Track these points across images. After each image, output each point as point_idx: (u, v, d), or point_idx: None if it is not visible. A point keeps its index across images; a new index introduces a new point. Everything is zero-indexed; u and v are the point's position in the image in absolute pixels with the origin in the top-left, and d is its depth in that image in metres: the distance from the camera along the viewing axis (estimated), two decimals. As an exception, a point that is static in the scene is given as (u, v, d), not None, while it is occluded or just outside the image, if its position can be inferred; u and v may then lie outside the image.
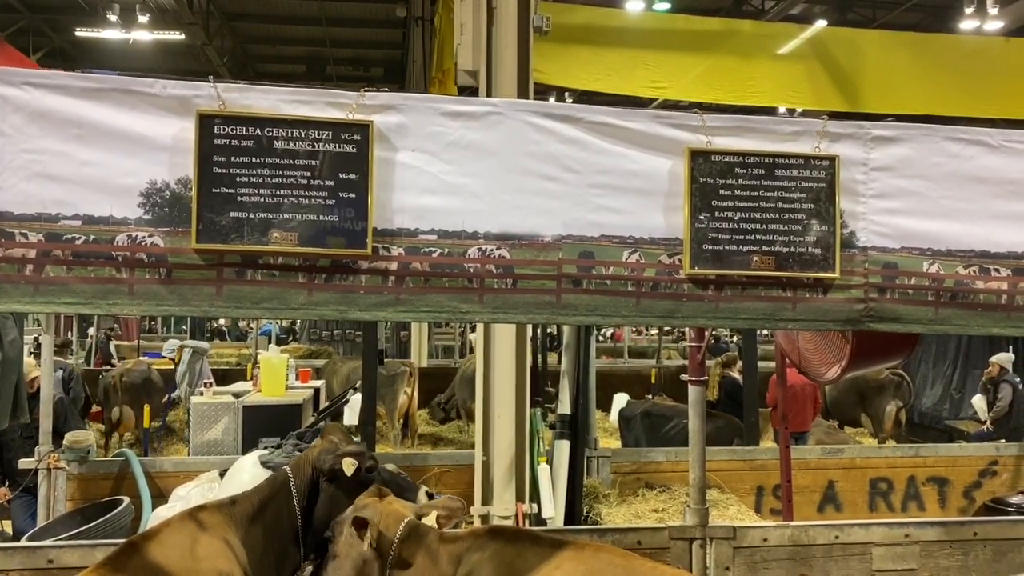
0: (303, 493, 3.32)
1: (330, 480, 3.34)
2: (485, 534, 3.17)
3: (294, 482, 3.32)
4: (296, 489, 3.31)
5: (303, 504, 3.31)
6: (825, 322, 2.56)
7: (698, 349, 3.86)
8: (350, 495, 3.34)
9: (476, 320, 2.44)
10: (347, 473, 3.34)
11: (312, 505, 3.34)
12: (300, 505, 3.29)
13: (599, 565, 2.56)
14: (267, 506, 3.28)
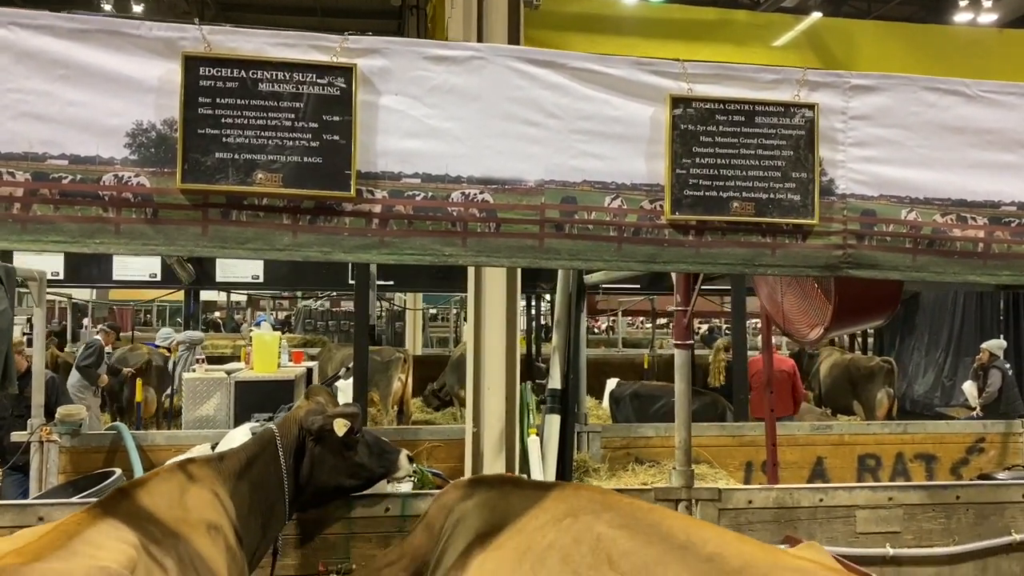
0: (289, 452, 3.36)
1: (316, 440, 3.38)
2: (469, 484, 3.21)
3: (281, 441, 3.37)
4: (283, 448, 3.36)
5: (289, 463, 3.35)
6: (804, 268, 2.59)
7: (684, 313, 3.91)
8: (335, 456, 3.43)
9: (459, 263, 2.47)
10: (338, 433, 3.38)
11: (298, 465, 3.39)
12: (287, 464, 3.34)
13: (579, 502, 2.61)
14: (254, 463, 3.30)
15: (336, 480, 3.44)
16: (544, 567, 2.44)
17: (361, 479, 3.51)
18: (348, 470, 3.45)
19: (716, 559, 2.16)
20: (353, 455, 3.45)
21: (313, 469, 3.40)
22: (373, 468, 3.50)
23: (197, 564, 2.68)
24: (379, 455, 3.54)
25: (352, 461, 3.45)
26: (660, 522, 2.42)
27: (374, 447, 3.54)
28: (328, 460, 3.41)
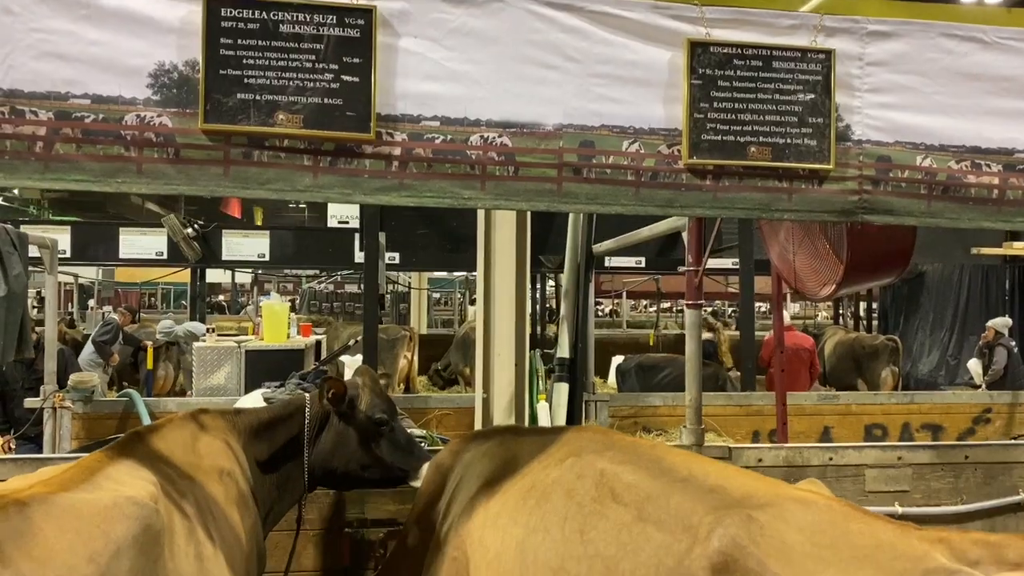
0: (315, 422, 3.29)
1: (341, 416, 3.28)
2: (473, 436, 3.24)
3: (310, 409, 3.30)
4: (310, 416, 3.29)
5: (312, 434, 3.29)
6: (820, 213, 2.60)
7: (695, 273, 3.93)
8: (356, 439, 3.28)
9: (478, 206, 2.49)
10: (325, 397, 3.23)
11: (315, 443, 3.29)
12: (310, 434, 3.27)
13: (581, 443, 2.65)
14: (276, 425, 3.28)
15: (349, 466, 3.28)
16: (549, 502, 2.47)
17: (375, 474, 3.30)
18: (364, 459, 3.27)
19: (718, 490, 2.19)
20: (375, 445, 3.28)
21: (330, 447, 3.27)
22: (391, 466, 3.28)
23: (211, 507, 2.72)
24: (403, 455, 3.30)
25: (371, 451, 3.27)
26: (662, 458, 2.45)
27: (401, 445, 3.33)
28: (348, 442, 3.26)
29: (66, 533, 2.01)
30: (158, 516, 2.25)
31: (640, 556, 2.15)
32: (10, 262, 5.03)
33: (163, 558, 2.22)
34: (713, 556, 2.00)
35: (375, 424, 3.27)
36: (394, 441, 3.31)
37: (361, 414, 3.27)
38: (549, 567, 2.32)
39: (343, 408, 3.26)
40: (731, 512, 2.07)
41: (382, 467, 3.27)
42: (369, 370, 3.57)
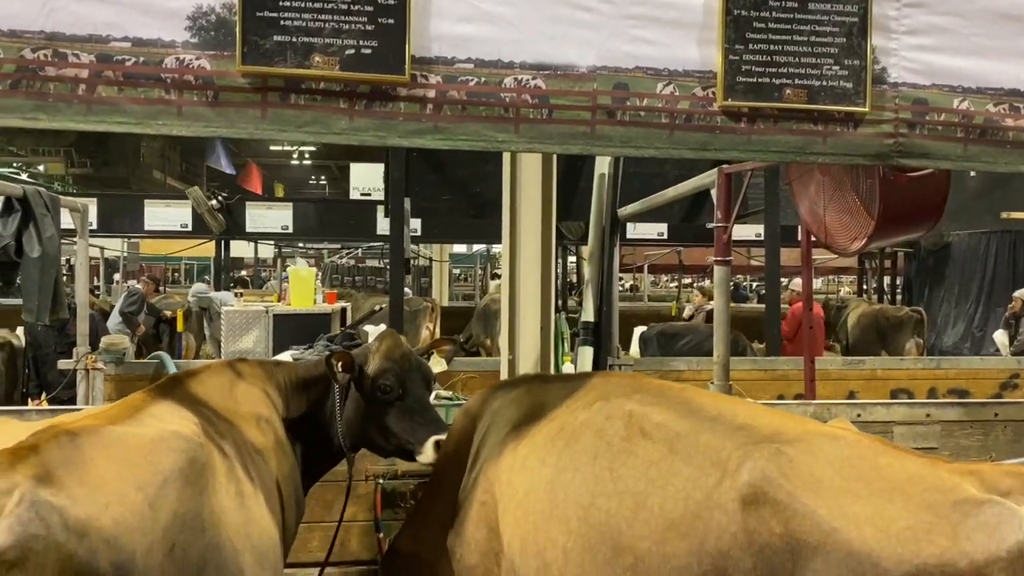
0: (344, 387, 3.18)
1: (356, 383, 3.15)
2: (501, 384, 3.26)
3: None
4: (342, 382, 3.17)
5: (342, 398, 3.19)
6: (855, 156, 2.59)
7: (724, 229, 3.92)
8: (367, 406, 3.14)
9: (511, 149, 2.50)
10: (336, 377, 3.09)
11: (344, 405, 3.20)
12: (341, 396, 3.18)
13: (609, 387, 2.67)
14: (311, 384, 3.24)
15: (368, 433, 3.17)
16: (578, 443, 2.49)
17: (391, 444, 3.15)
18: (375, 428, 3.14)
19: (747, 428, 2.20)
20: (383, 415, 3.12)
21: (351, 414, 3.17)
22: (400, 438, 3.10)
23: (250, 451, 2.76)
24: (411, 428, 3.09)
25: (380, 421, 3.12)
26: (691, 399, 2.46)
27: (410, 417, 3.11)
28: (360, 410, 3.14)
29: (115, 462, 2.06)
30: (202, 450, 2.30)
31: (669, 491, 2.17)
32: (43, 224, 5.11)
33: (207, 491, 2.27)
34: (742, 488, 2.01)
35: (380, 392, 3.10)
36: (403, 411, 3.11)
37: (368, 381, 3.12)
38: (579, 504, 2.34)
39: (355, 375, 3.12)
40: (760, 447, 2.08)
41: (391, 438, 3.12)
42: (392, 334, 3.37)
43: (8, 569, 1.71)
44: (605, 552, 2.21)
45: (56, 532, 1.77)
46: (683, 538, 2.07)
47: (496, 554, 2.68)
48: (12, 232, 5.02)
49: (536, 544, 2.44)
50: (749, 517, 1.97)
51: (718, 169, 4.03)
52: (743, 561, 1.96)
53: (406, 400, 3.11)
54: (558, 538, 2.36)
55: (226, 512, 2.36)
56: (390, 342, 3.22)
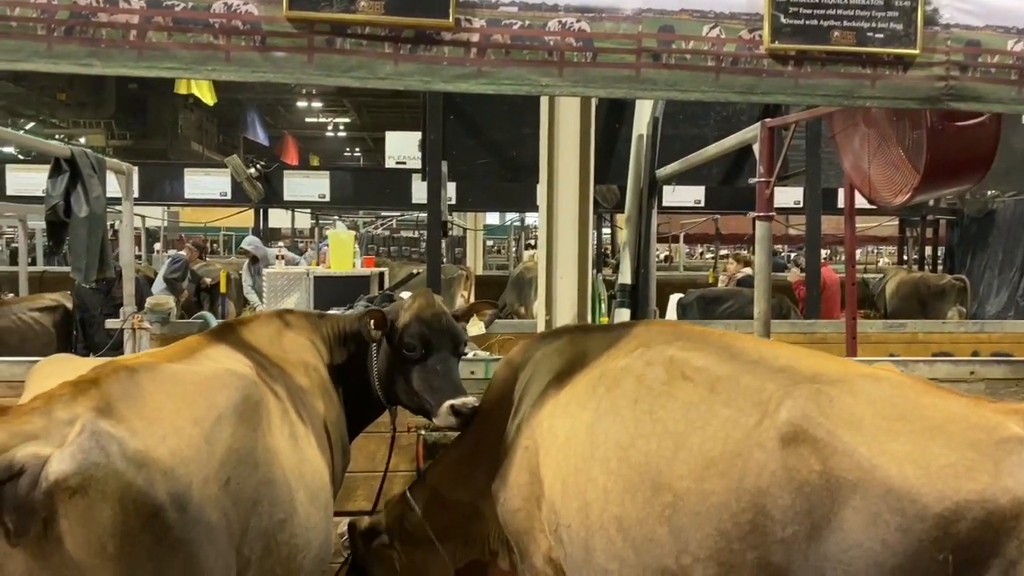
0: (380, 344, 3.23)
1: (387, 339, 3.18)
2: (541, 336, 3.27)
3: None
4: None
5: (377, 354, 3.24)
6: (904, 100, 2.55)
7: (766, 184, 3.89)
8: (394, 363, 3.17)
9: (555, 93, 2.49)
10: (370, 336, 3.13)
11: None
12: (377, 351, 3.23)
13: (650, 335, 2.67)
14: (354, 336, 3.30)
15: (394, 386, 3.20)
16: (619, 388, 2.50)
17: (412, 402, 3.17)
18: (400, 383, 3.17)
19: (787, 370, 2.19)
20: (407, 371, 3.14)
21: (383, 366, 3.22)
22: (420, 397, 3.11)
23: (300, 395, 2.82)
24: (431, 389, 3.09)
25: (405, 379, 3.15)
26: (732, 344, 2.46)
27: (432, 379, 3.10)
28: (390, 362, 3.19)
29: (172, 398, 2.12)
30: (256, 388, 2.36)
31: (708, 431, 2.18)
32: (90, 184, 5.22)
33: (261, 428, 2.33)
34: (782, 427, 2.02)
35: (405, 349, 3.12)
36: (424, 372, 3.12)
37: (396, 337, 3.15)
38: (619, 445, 2.37)
39: (387, 331, 3.16)
40: (801, 386, 2.08)
41: (412, 395, 3.14)
42: (426, 293, 3.37)
43: (71, 496, 1.77)
44: (645, 491, 2.24)
45: (116, 461, 1.83)
46: (722, 476, 2.09)
47: (538, 498, 2.72)
48: (61, 192, 5.15)
49: (577, 486, 2.47)
50: (788, 455, 1.98)
51: (761, 123, 3.98)
52: (781, 498, 1.97)
53: (428, 361, 3.11)
54: (598, 478, 2.39)
55: (279, 450, 2.42)
56: (422, 301, 3.24)
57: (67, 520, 1.77)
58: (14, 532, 1.77)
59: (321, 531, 2.62)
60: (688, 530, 2.11)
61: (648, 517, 2.20)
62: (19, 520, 1.76)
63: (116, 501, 1.80)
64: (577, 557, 2.45)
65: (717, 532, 2.05)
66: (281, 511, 2.35)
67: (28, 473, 1.75)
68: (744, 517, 2.02)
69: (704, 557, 2.07)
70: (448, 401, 3.01)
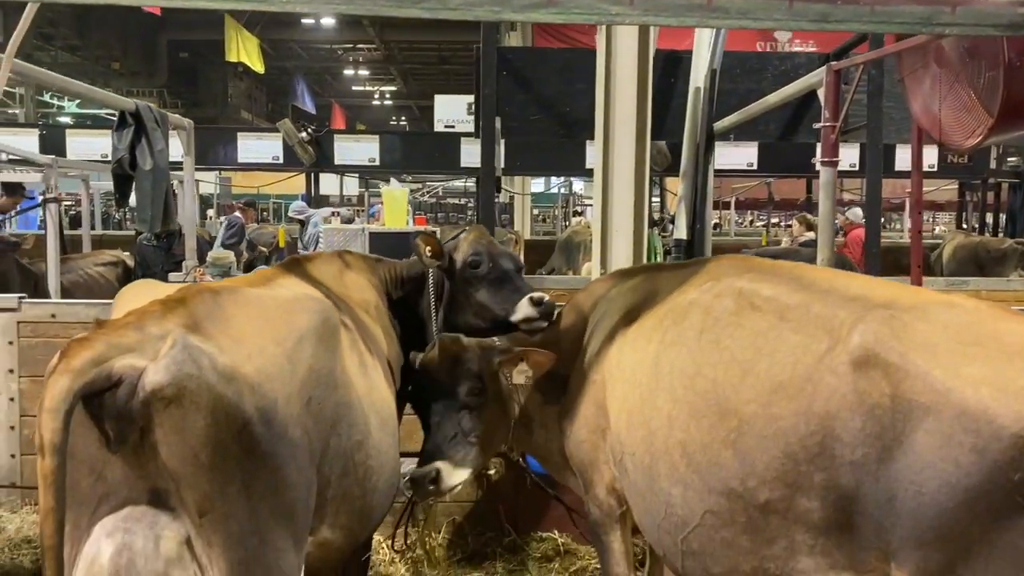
0: (438, 285, 3.36)
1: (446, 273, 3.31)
2: (613, 274, 3.28)
3: (433, 275, 3.36)
4: (433, 279, 3.35)
5: (437, 296, 3.37)
6: (985, 26, 2.48)
7: (832, 128, 3.82)
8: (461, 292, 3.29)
9: (626, 23, 2.48)
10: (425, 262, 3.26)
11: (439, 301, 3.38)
12: (435, 294, 3.36)
13: (720, 269, 2.63)
14: (405, 282, 3.41)
15: (464, 318, 3.31)
16: (686, 320, 2.50)
17: (487, 320, 3.29)
18: (472, 308, 3.29)
19: (860, 298, 2.15)
20: (475, 293, 3.28)
21: (447, 307, 3.35)
22: (494, 309, 3.25)
23: (366, 332, 2.88)
24: (505, 297, 3.26)
25: (474, 299, 3.28)
26: (803, 275, 2.42)
27: (503, 288, 3.28)
28: (456, 296, 3.30)
29: (254, 319, 2.18)
30: (334, 313, 2.42)
31: (777, 357, 2.17)
32: (154, 138, 5.34)
33: (338, 352, 2.39)
34: (854, 351, 2.00)
35: (470, 267, 3.25)
36: (494, 284, 3.26)
37: (458, 263, 3.28)
38: (685, 374, 2.38)
39: (445, 264, 3.29)
40: (873, 312, 2.05)
41: (488, 311, 3.24)
42: (479, 227, 3.55)
43: (166, 406, 1.84)
44: (710, 417, 2.24)
45: (207, 374, 1.89)
46: (790, 400, 2.08)
47: (603, 430, 2.76)
48: (126, 145, 5.27)
49: (642, 415, 2.49)
50: (860, 379, 1.97)
51: (826, 66, 3.90)
52: (852, 422, 1.96)
53: (494, 276, 3.28)
54: (663, 407, 2.40)
55: (354, 375, 2.49)
56: (477, 232, 3.42)
57: (162, 429, 1.84)
58: (113, 440, 1.85)
59: (391, 457, 2.69)
60: (754, 453, 2.11)
61: (713, 442, 2.21)
62: (118, 428, 1.84)
63: (208, 412, 1.87)
64: (641, 484, 2.48)
65: (784, 455, 2.06)
66: (358, 433, 2.42)
67: (126, 383, 1.82)
68: (812, 440, 2.01)
69: (770, 479, 2.08)
70: (528, 295, 3.18)
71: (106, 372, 1.81)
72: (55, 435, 1.73)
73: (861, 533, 1.95)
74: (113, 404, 1.82)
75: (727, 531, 2.17)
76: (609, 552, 2.84)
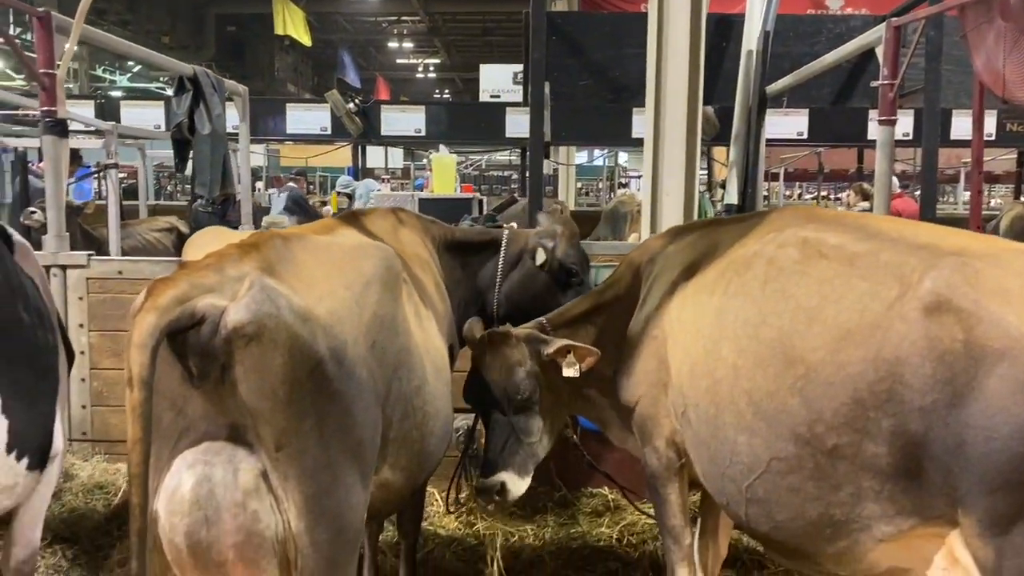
0: (510, 259, 3.41)
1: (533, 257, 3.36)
2: (670, 231, 3.27)
3: (506, 246, 3.43)
4: (505, 249, 3.41)
5: (505, 267, 3.42)
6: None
7: (890, 86, 3.77)
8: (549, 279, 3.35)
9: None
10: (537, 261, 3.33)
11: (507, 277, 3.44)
12: (503, 266, 3.40)
13: (783, 221, 2.59)
14: (468, 248, 3.45)
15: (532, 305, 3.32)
16: (749, 271, 2.48)
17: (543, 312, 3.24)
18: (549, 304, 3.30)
19: (930, 246, 2.12)
20: (561, 294, 3.33)
21: (518, 286, 3.38)
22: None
23: (419, 284, 2.94)
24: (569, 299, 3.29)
25: (556, 299, 3.33)
26: (868, 224, 2.39)
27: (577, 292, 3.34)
28: (536, 285, 3.34)
29: (323, 264, 2.25)
30: (397, 260, 2.48)
31: (844, 303, 2.15)
32: (212, 102, 5.45)
33: (400, 299, 2.46)
34: (925, 297, 1.98)
35: (567, 274, 3.32)
36: (576, 287, 3.35)
37: (556, 261, 3.33)
38: (749, 324, 2.36)
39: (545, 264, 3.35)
40: (945, 258, 2.03)
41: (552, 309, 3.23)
42: (568, 220, 3.56)
43: (247, 343, 1.92)
44: (776, 365, 2.24)
45: (284, 313, 1.97)
46: (858, 347, 2.07)
47: (664, 384, 2.77)
48: (185, 110, 5.39)
49: (706, 366, 2.49)
50: (931, 324, 1.96)
51: (887, 22, 3.84)
52: (922, 367, 1.95)
53: (577, 282, 3.36)
54: (728, 357, 2.40)
55: (412, 324, 2.55)
56: (572, 228, 3.45)
57: (242, 366, 1.92)
58: (196, 376, 1.93)
59: (446, 404, 2.76)
60: (821, 400, 2.11)
61: (780, 390, 2.21)
62: (200, 364, 1.92)
63: (285, 350, 1.94)
64: (704, 434, 2.49)
65: (852, 401, 2.06)
66: (416, 378, 2.49)
67: (208, 321, 1.90)
68: (881, 387, 2.01)
69: (838, 425, 2.08)
70: None
71: (190, 310, 1.89)
72: (143, 369, 1.81)
73: (929, 479, 1.96)
74: (196, 341, 1.90)
75: (793, 477, 2.18)
76: (667, 504, 2.87)
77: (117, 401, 4.38)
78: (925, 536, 2.03)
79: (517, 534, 3.94)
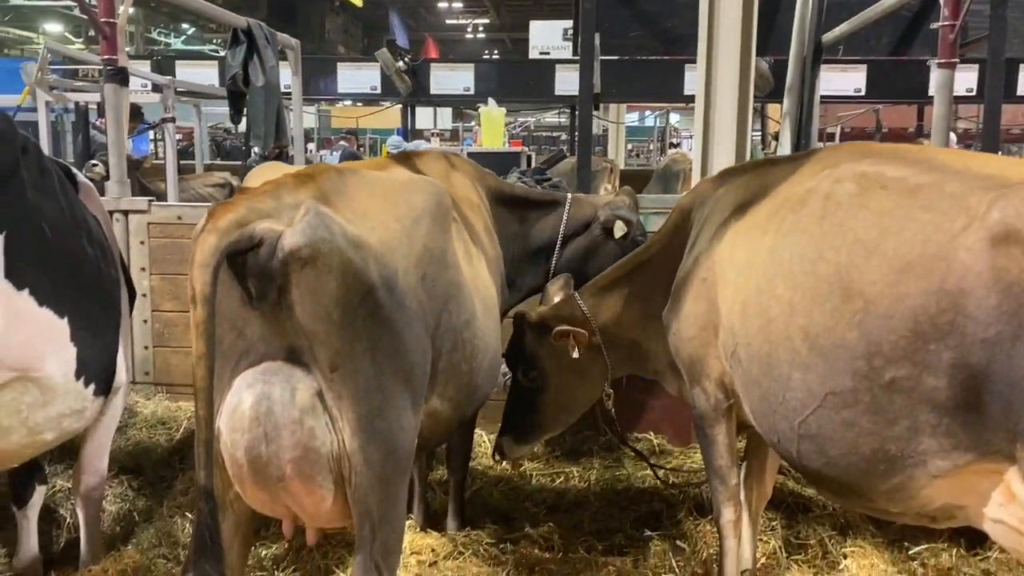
0: (572, 224, 3.48)
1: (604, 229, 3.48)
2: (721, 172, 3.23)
3: (569, 210, 3.48)
4: (568, 216, 3.47)
5: (566, 233, 3.48)
6: None
7: (951, 28, 3.67)
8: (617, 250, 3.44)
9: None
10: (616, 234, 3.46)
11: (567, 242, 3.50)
12: (564, 232, 3.47)
13: (838, 156, 2.51)
14: (527, 205, 3.49)
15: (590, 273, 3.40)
16: (804, 207, 2.41)
17: None
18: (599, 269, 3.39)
19: (997, 176, 2.04)
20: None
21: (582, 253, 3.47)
22: None
23: (469, 225, 2.98)
24: None
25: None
26: (932, 157, 2.30)
27: None
28: (602, 255, 3.45)
29: (375, 197, 2.31)
30: (447, 196, 2.52)
31: (905, 235, 2.09)
32: (266, 55, 5.53)
33: (449, 234, 2.50)
34: (993, 227, 1.92)
35: (634, 245, 3.39)
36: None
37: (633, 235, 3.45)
38: (805, 259, 2.31)
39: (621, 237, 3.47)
40: (1015, 188, 1.96)
41: None
42: (632, 193, 3.66)
43: (302, 267, 1.99)
44: (834, 300, 2.19)
45: (338, 239, 2.03)
46: (920, 279, 2.02)
47: (715, 326, 2.74)
48: (239, 62, 5.48)
49: (759, 305, 2.44)
50: (998, 255, 1.90)
51: (949, -39, 3.72)
52: (987, 299, 1.91)
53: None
54: (783, 294, 2.35)
55: (461, 260, 2.60)
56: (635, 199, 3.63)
57: (298, 289, 1.99)
58: (254, 297, 2.01)
59: (495, 339, 2.82)
60: (880, 333, 2.07)
61: (837, 324, 2.17)
62: (259, 286, 2.00)
63: (339, 274, 2.01)
64: (756, 372, 2.45)
65: (912, 334, 2.02)
66: (466, 312, 2.54)
67: (267, 244, 1.97)
68: (943, 319, 1.97)
69: (897, 358, 2.04)
70: None
71: (248, 233, 1.96)
72: (206, 287, 1.90)
73: (988, 413, 1.93)
74: (255, 263, 1.97)
75: (848, 412, 2.15)
76: (714, 444, 2.89)
77: (178, 342, 4.55)
78: (982, 472, 2.00)
79: (563, 475, 4.01)
